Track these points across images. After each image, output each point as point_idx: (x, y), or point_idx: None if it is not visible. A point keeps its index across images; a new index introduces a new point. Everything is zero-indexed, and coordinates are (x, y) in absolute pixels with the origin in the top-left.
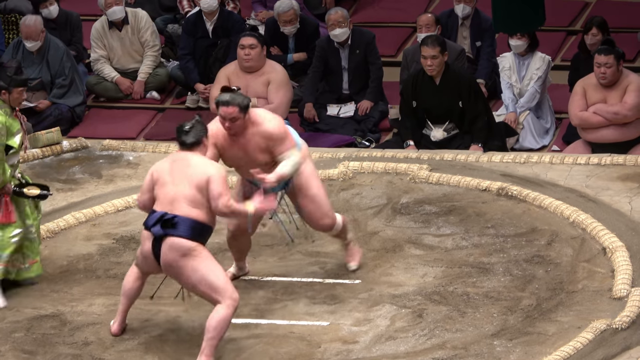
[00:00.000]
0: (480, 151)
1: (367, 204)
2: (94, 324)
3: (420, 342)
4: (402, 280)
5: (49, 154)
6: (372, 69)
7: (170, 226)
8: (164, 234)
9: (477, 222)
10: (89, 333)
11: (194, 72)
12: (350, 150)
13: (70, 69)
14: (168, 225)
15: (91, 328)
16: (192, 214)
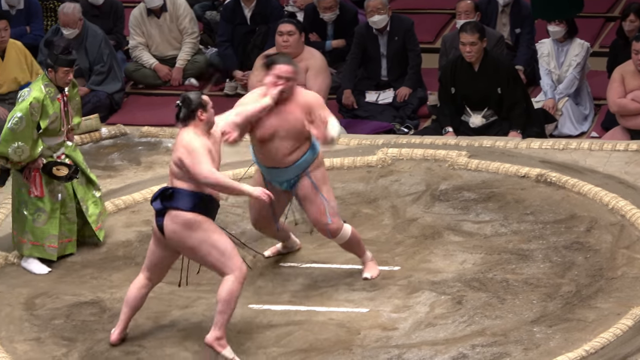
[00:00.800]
0: (519, 138)
1: (406, 190)
2: None
3: (460, 328)
4: (441, 267)
5: (87, 141)
6: (410, 55)
7: (167, 199)
8: (163, 208)
9: (516, 209)
10: None
11: (232, 59)
12: (389, 136)
13: (108, 56)
14: (166, 198)
15: None
16: (184, 186)
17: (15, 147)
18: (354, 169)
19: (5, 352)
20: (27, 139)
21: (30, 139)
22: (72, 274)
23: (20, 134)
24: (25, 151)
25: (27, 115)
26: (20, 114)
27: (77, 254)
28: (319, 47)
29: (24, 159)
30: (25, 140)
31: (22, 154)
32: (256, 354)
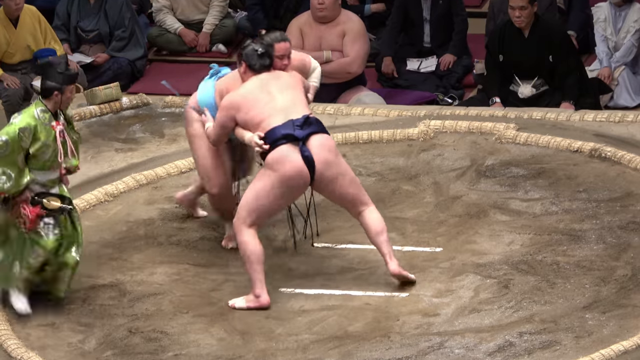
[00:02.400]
0: (571, 109)
1: (450, 165)
2: (156, 295)
3: (506, 314)
4: (487, 249)
5: (107, 111)
6: (456, 20)
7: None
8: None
9: (567, 186)
10: (150, 304)
11: (263, 23)
12: (432, 107)
13: (130, 20)
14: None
15: (152, 299)
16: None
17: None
18: (394, 143)
19: (18, 339)
20: (12, 165)
21: (17, 166)
22: (89, 255)
23: (3, 159)
24: (10, 179)
25: (14, 139)
26: (6, 138)
27: (95, 233)
28: (357, 11)
29: (7, 188)
30: (10, 166)
31: (6, 182)
32: (287, 340)
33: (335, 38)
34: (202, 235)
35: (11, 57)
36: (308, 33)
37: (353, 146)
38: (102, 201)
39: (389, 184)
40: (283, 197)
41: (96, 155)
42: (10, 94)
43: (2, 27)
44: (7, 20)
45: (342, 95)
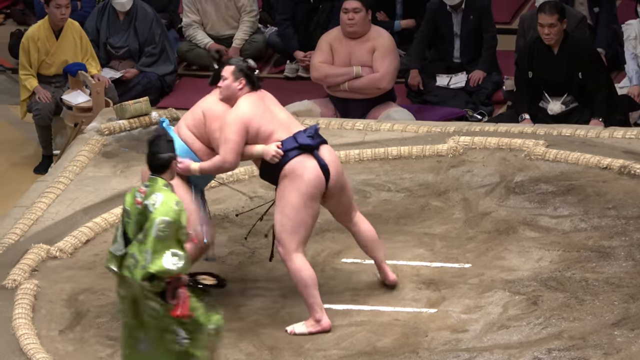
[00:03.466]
0: (601, 126)
1: (479, 182)
2: None
3: (535, 331)
4: (516, 265)
5: (136, 125)
6: (485, 36)
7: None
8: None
9: (597, 203)
10: None
11: (293, 39)
12: (461, 124)
13: (160, 36)
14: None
15: None
16: None
17: (170, 255)
18: (423, 159)
19: (46, 352)
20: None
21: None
22: None
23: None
24: (182, 259)
25: (176, 219)
26: (169, 219)
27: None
28: (387, 27)
29: (182, 268)
30: (179, 246)
31: (178, 262)
32: (315, 356)
33: (365, 54)
34: (231, 251)
35: (48, 69)
36: (338, 48)
37: (382, 162)
38: None
39: (418, 200)
40: (315, 204)
41: (126, 170)
42: (41, 107)
43: (44, 37)
44: (50, 31)
45: (371, 111)
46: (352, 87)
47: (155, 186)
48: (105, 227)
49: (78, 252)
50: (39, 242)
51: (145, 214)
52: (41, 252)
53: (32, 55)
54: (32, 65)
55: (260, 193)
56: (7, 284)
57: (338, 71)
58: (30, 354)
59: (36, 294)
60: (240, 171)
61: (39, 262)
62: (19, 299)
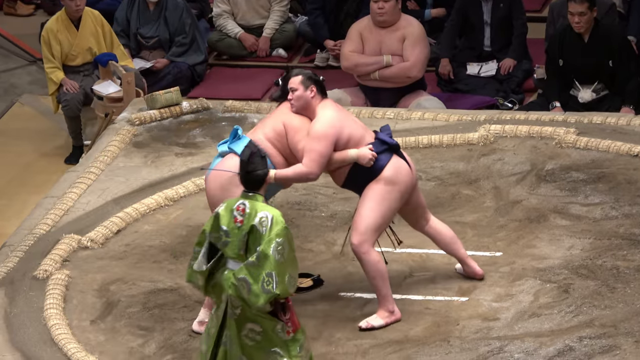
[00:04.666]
0: (631, 114)
1: (510, 170)
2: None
3: (566, 319)
4: (547, 253)
5: (167, 115)
6: (516, 24)
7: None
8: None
9: (628, 191)
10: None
11: (323, 28)
12: (492, 112)
13: (190, 26)
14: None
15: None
16: None
17: (289, 278)
18: (454, 147)
19: (78, 342)
20: (295, 263)
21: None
22: (149, 259)
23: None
24: (296, 278)
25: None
26: (281, 239)
27: (155, 237)
28: (418, 16)
29: (295, 288)
30: (295, 266)
31: (294, 282)
32: (346, 345)
33: (395, 42)
34: None
35: (74, 60)
36: (368, 37)
37: (413, 150)
38: (162, 205)
39: (449, 188)
40: (398, 206)
41: (156, 160)
42: (69, 98)
43: (64, 29)
44: (69, 22)
45: (402, 99)
46: (382, 76)
47: (257, 204)
48: (136, 217)
49: (109, 242)
50: (70, 232)
51: (253, 233)
52: (72, 242)
53: (54, 48)
54: (56, 57)
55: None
56: (38, 274)
57: (368, 60)
58: (61, 345)
59: (67, 284)
60: None
61: (70, 252)
62: (50, 289)
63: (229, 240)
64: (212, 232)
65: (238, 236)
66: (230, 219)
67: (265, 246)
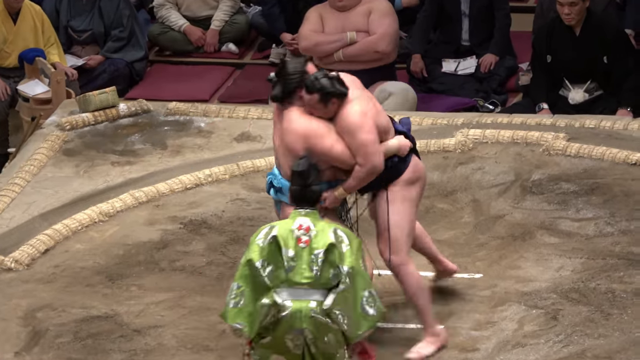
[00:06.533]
0: (629, 117)
1: (491, 181)
2: (156, 327)
3: (555, 350)
4: (533, 275)
5: (102, 119)
6: (498, 15)
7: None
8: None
9: (625, 204)
10: (150, 338)
11: (279, 20)
12: (471, 115)
13: (128, 18)
14: None
15: (153, 332)
16: None
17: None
18: (428, 154)
19: None
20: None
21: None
22: (81, 283)
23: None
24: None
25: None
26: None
27: (88, 258)
28: None
29: None
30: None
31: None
32: None
33: (360, 18)
34: (209, 260)
35: (6, 59)
36: (329, 17)
37: None
38: (96, 221)
39: (423, 201)
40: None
41: (90, 170)
42: None
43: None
44: (6, 15)
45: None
46: (347, 54)
47: (320, 221)
48: (66, 234)
49: (35, 263)
50: None
51: (332, 253)
52: None
53: None
54: None
55: (242, 195)
56: None
57: (330, 38)
58: None
59: None
60: (220, 170)
61: None
62: None
63: (294, 264)
64: (268, 259)
65: (306, 258)
66: (292, 241)
67: (355, 263)
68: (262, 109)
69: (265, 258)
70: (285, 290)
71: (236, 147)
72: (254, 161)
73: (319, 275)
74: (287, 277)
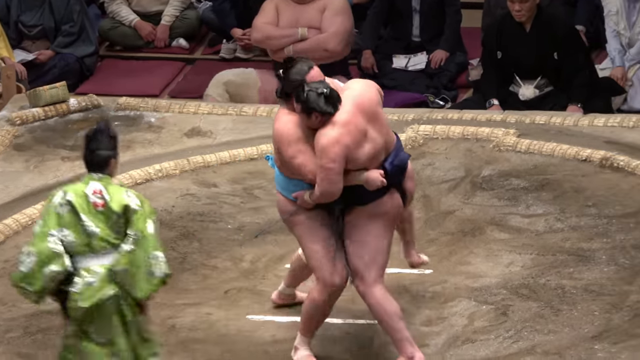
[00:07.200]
0: (579, 113)
1: (441, 176)
2: None
3: (505, 345)
4: (483, 271)
5: (52, 114)
6: (448, 11)
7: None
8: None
9: (575, 200)
10: None
11: (230, 15)
12: (421, 111)
13: (79, 13)
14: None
15: None
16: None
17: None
18: None
19: None
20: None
21: None
22: None
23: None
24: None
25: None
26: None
27: None
28: None
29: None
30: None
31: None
32: None
33: (314, 14)
34: None
35: None
36: (284, 10)
37: None
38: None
39: None
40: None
41: (40, 165)
42: None
43: None
44: None
45: None
46: (297, 50)
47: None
48: (16, 229)
49: None
50: None
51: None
52: None
53: None
54: None
55: (192, 190)
56: None
57: (281, 32)
58: None
59: None
60: (170, 165)
61: None
62: None
63: (91, 229)
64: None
65: (107, 221)
66: (88, 206)
67: (142, 226)
68: (212, 104)
69: (62, 225)
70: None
71: (186, 143)
72: (204, 156)
73: (114, 237)
74: (85, 241)
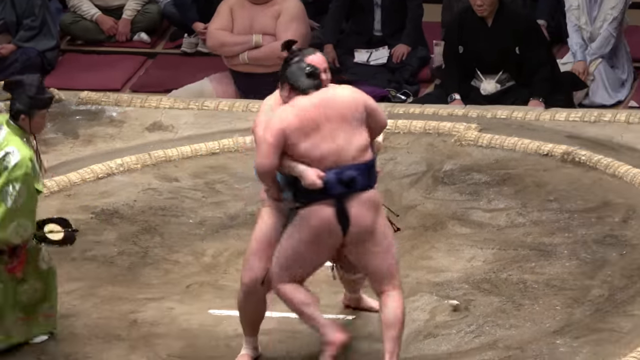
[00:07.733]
0: (541, 107)
1: (403, 171)
2: (68, 317)
3: (466, 340)
4: (445, 265)
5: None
6: (410, 5)
7: (354, 178)
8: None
9: (536, 194)
10: (62, 327)
11: (192, 9)
12: (383, 105)
13: (40, 8)
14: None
15: (64, 321)
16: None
17: (16, 226)
18: None
19: None
20: (30, 213)
21: (33, 211)
22: None
23: (21, 210)
24: (27, 229)
25: (27, 183)
26: (19, 185)
27: None
28: None
29: (25, 238)
30: (28, 215)
31: (24, 232)
32: None
33: (268, 20)
34: (121, 250)
35: None
36: (239, 14)
37: None
38: None
39: None
40: (318, 248)
41: None
42: None
43: None
44: None
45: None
46: (251, 58)
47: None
48: None
49: None
50: None
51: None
52: None
53: None
54: None
55: (154, 185)
56: None
57: (236, 39)
58: None
59: None
60: (132, 160)
61: None
62: None
63: None
64: None
65: None
66: None
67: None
68: (173, 98)
69: None
70: None
71: (148, 137)
72: (165, 151)
73: None
74: None
